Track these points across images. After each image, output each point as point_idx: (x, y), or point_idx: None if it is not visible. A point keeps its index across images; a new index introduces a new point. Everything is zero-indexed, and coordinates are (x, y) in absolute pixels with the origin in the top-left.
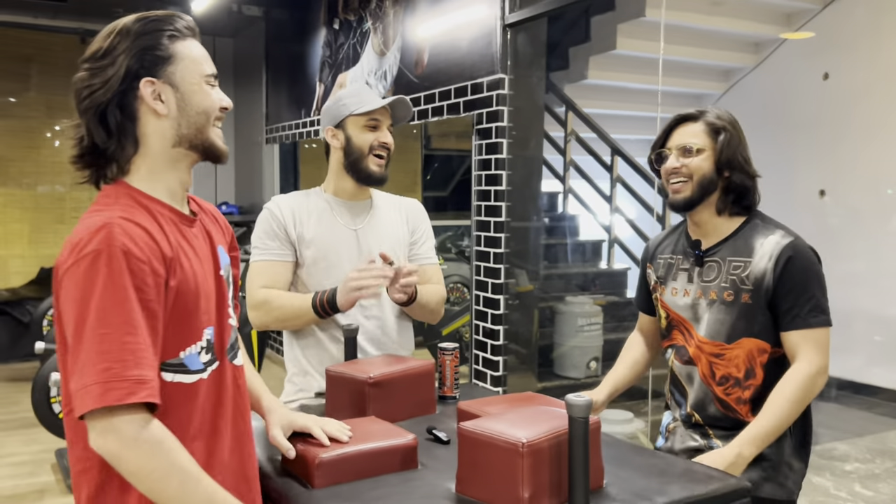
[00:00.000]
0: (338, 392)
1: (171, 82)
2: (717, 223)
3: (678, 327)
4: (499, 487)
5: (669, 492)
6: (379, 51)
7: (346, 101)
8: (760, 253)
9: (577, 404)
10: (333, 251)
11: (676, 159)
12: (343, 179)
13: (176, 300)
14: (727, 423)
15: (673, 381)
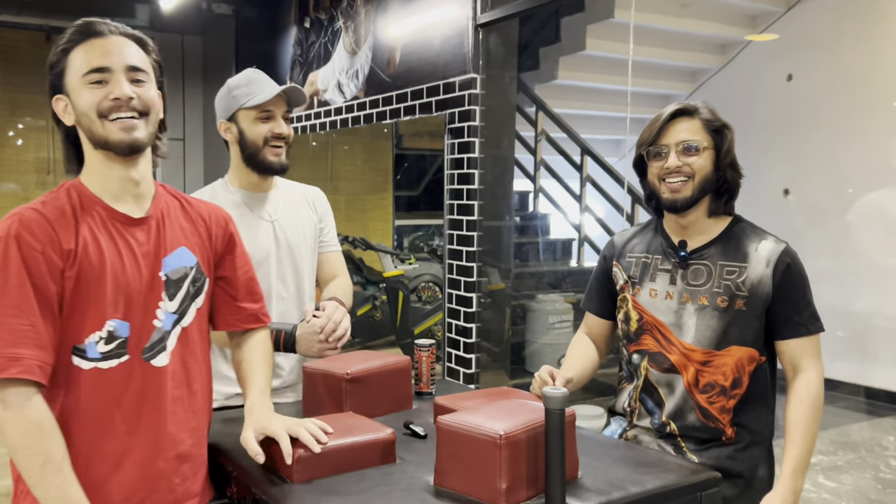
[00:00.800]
0: (315, 388)
1: (66, 92)
2: (706, 224)
3: (651, 331)
4: (477, 479)
5: (643, 481)
6: (350, 50)
7: (236, 93)
8: (756, 259)
9: (554, 396)
10: (257, 247)
11: (678, 157)
12: (245, 172)
13: (75, 289)
14: (705, 434)
15: (646, 390)
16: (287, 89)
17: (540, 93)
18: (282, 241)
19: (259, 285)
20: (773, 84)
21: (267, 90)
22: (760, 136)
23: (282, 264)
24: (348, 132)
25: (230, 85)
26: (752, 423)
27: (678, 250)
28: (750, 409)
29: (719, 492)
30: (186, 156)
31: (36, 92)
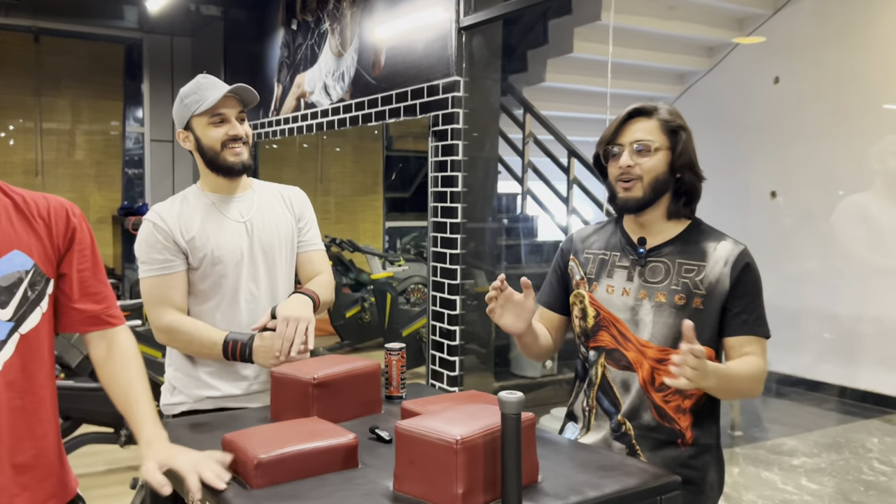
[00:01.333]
0: (282, 393)
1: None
2: (664, 225)
3: (609, 328)
4: (434, 484)
5: (602, 485)
6: (336, 52)
7: (187, 101)
8: (715, 258)
9: (510, 401)
10: (227, 248)
11: (630, 157)
12: (212, 177)
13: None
14: (661, 435)
15: (602, 388)
16: (235, 89)
17: (528, 95)
18: (255, 241)
19: (106, 285)
20: (760, 86)
21: (215, 93)
22: (747, 139)
23: (254, 265)
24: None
25: (181, 94)
26: (707, 426)
27: (637, 247)
28: (706, 411)
29: (679, 496)
30: (175, 158)
31: (24, 93)
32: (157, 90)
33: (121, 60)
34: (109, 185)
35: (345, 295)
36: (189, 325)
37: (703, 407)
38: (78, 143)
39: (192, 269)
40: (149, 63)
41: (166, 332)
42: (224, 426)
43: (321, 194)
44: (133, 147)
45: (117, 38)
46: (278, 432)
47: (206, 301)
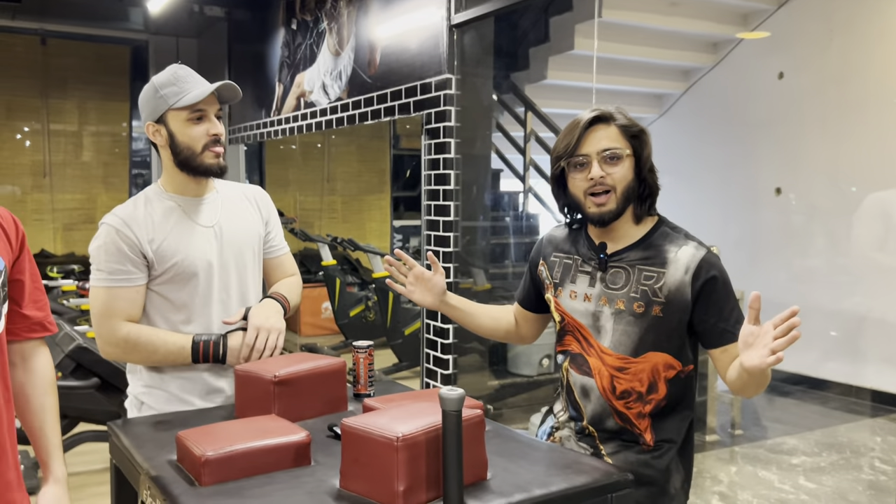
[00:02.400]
0: (245, 390)
1: None
2: (628, 229)
3: (573, 333)
4: (376, 481)
5: (551, 483)
6: (334, 51)
7: (164, 93)
8: (676, 265)
9: (449, 398)
10: (197, 256)
11: (600, 167)
12: (179, 176)
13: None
14: (625, 436)
15: (567, 392)
16: (222, 87)
17: (530, 93)
18: (224, 247)
19: (44, 292)
20: (765, 82)
21: (199, 88)
22: (752, 135)
23: (225, 271)
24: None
25: (156, 83)
26: (670, 430)
27: (598, 252)
28: (668, 416)
29: (631, 494)
30: None
31: (32, 95)
32: None
33: (127, 62)
34: (117, 185)
35: (349, 294)
36: (149, 333)
37: (664, 409)
38: (85, 144)
39: (157, 277)
40: (154, 64)
41: (122, 345)
42: (185, 424)
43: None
44: (140, 148)
45: (123, 40)
46: (231, 430)
47: (177, 312)
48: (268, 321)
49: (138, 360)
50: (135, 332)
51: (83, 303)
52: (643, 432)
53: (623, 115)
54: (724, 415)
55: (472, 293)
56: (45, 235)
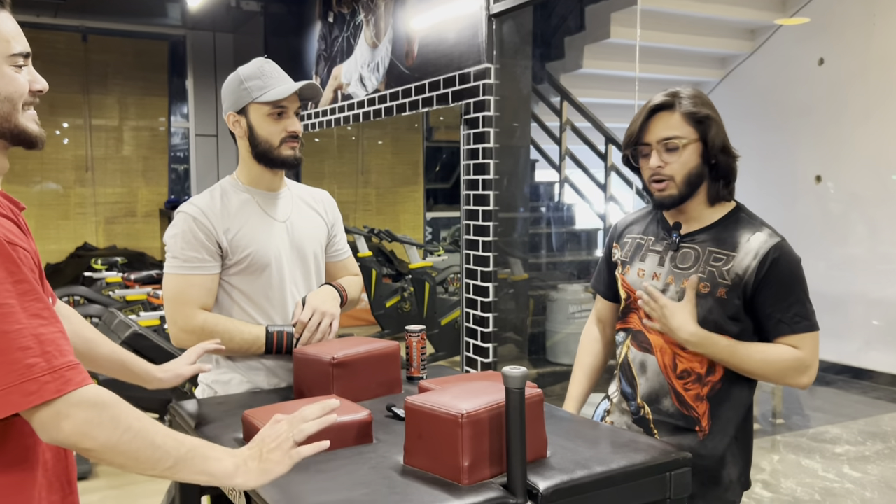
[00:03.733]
0: (303, 373)
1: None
2: (705, 212)
3: (638, 311)
4: (441, 458)
5: (610, 461)
6: (371, 43)
7: (248, 85)
8: (746, 249)
9: (513, 376)
10: (270, 248)
11: (658, 157)
12: (255, 168)
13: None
14: (680, 422)
15: (623, 369)
16: (304, 88)
17: (565, 82)
18: (294, 242)
19: None
20: (804, 68)
21: (283, 86)
22: (791, 122)
23: (294, 266)
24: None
25: (242, 75)
26: (727, 417)
27: (672, 232)
28: (726, 401)
29: (688, 472)
30: (220, 152)
31: (74, 91)
32: (200, 86)
33: (165, 57)
34: (156, 179)
35: (385, 285)
36: (225, 321)
37: (720, 394)
38: (126, 139)
39: (231, 268)
40: (192, 59)
41: (199, 332)
42: (245, 405)
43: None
44: (179, 142)
45: (162, 36)
46: (294, 409)
47: (250, 303)
48: (324, 304)
49: None
50: (212, 320)
51: (128, 293)
52: (700, 417)
53: (691, 99)
54: (766, 404)
55: (509, 283)
56: (88, 229)
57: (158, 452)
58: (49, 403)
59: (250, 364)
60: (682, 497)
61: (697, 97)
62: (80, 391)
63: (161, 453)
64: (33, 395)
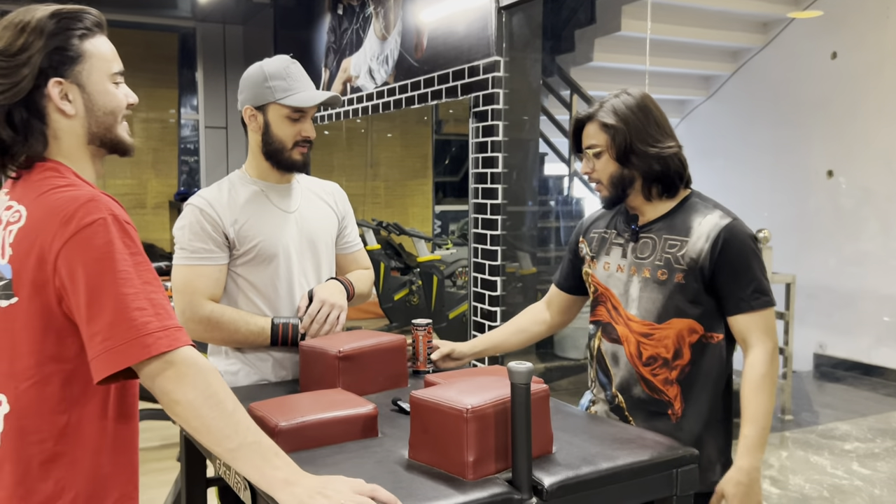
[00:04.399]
0: (310, 365)
1: (78, 82)
2: (653, 205)
3: (605, 303)
4: (446, 452)
5: (616, 457)
6: (381, 35)
7: (272, 84)
8: (698, 233)
9: (519, 371)
10: (278, 239)
11: (587, 164)
12: (265, 164)
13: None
14: (652, 407)
15: (598, 360)
16: (329, 100)
17: (575, 75)
18: (303, 233)
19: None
20: (817, 62)
21: (307, 93)
22: (803, 117)
23: (303, 258)
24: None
25: (267, 72)
26: (701, 400)
27: (631, 224)
28: (698, 385)
29: (695, 469)
30: (229, 144)
31: None
32: (210, 78)
33: (175, 49)
34: (166, 171)
35: (393, 278)
36: (232, 312)
37: (689, 377)
38: (136, 130)
39: (239, 258)
40: (202, 51)
41: (205, 322)
42: (252, 397)
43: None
44: (189, 134)
45: (171, 28)
46: (301, 402)
47: (258, 295)
48: (332, 297)
49: (218, 338)
50: (218, 311)
51: None
52: (672, 400)
53: (611, 109)
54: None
55: (517, 277)
56: None
57: (230, 429)
58: (160, 356)
59: (259, 355)
60: (688, 494)
61: (617, 106)
62: (185, 349)
63: (231, 431)
64: (150, 347)
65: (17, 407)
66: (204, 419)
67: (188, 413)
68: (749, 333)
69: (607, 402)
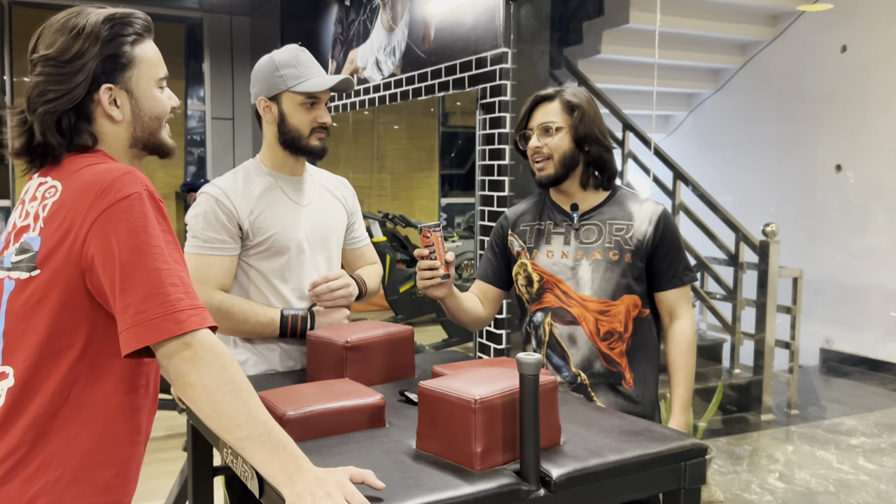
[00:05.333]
0: (317, 356)
1: (127, 88)
2: (587, 194)
3: (552, 289)
4: (454, 443)
5: (624, 449)
6: (388, 27)
7: (284, 73)
8: (640, 217)
9: (528, 362)
10: (291, 232)
11: (538, 139)
12: (280, 153)
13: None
14: (611, 379)
15: (550, 345)
16: (340, 84)
17: (583, 67)
18: (315, 227)
19: None
20: (827, 56)
21: (319, 78)
22: (812, 110)
23: (315, 250)
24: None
25: (277, 62)
26: (645, 370)
27: (570, 213)
28: (641, 355)
29: (703, 462)
30: (236, 136)
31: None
32: (217, 69)
33: (182, 40)
34: (173, 162)
35: (399, 270)
36: (242, 303)
37: (632, 348)
38: None
39: (251, 249)
40: (209, 42)
41: (215, 312)
42: (261, 386)
43: (377, 171)
44: (195, 125)
45: (178, 19)
46: (309, 392)
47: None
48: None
49: (228, 328)
50: (228, 301)
51: None
52: (623, 370)
53: (572, 91)
54: (780, 394)
55: None
56: None
57: (241, 417)
58: (183, 335)
59: (267, 345)
60: (696, 487)
61: (577, 92)
62: (205, 332)
63: (243, 419)
64: (183, 323)
65: (22, 380)
66: (217, 404)
67: (201, 397)
68: (678, 306)
69: (568, 383)
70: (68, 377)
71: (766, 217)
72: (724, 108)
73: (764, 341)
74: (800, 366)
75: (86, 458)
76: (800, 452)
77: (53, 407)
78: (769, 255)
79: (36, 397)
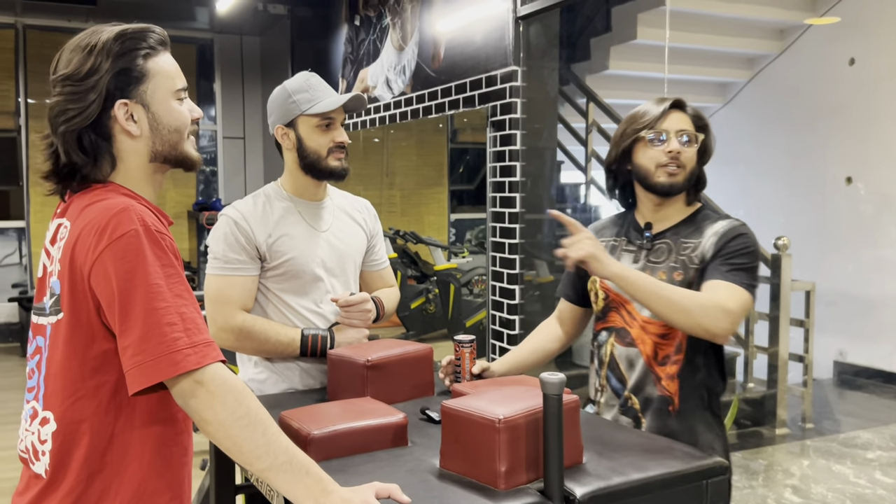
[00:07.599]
0: (338, 374)
1: (143, 102)
2: (678, 209)
3: (617, 309)
4: (478, 462)
5: (647, 468)
6: (398, 46)
7: (297, 98)
8: (709, 233)
9: (551, 382)
10: (309, 257)
11: (674, 143)
12: (301, 178)
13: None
14: (659, 404)
15: (610, 367)
16: (351, 101)
17: (591, 83)
18: (333, 252)
19: None
20: (835, 69)
21: (331, 98)
22: (821, 123)
23: (332, 275)
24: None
25: (289, 89)
26: (691, 392)
27: (643, 232)
28: (687, 377)
29: (726, 480)
30: (247, 155)
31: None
32: (228, 89)
33: (193, 60)
34: (185, 181)
35: (410, 286)
36: (263, 323)
37: (684, 371)
38: None
39: (269, 271)
40: (220, 62)
41: (237, 332)
42: (283, 405)
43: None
44: (206, 145)
45: (190, 39)
46: (332, 411)
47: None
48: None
49: (249, 348)
50: (250, 321)
51: None
52: (673, 395)
53: (691, 107)
54: (795, 408)
55: (534, 285)
56: None
57: (261, 450)
58: (189, 373)
59: (286, 364)
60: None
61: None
62: (214, 367)
63: (262, 451)
64: (178, 364)
65: (64, 423)
66: (234, 439)
67: (219, 433)
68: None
69: (619, 406)
70: (108, 414)
71: (778, 230)
72: (733, 122)
73: (777, 355)
74: (814, 379)
75: (140, 488)
76: (815, 467)
77: (101, 444)
78: (781, 269)
79: (82, 438)
